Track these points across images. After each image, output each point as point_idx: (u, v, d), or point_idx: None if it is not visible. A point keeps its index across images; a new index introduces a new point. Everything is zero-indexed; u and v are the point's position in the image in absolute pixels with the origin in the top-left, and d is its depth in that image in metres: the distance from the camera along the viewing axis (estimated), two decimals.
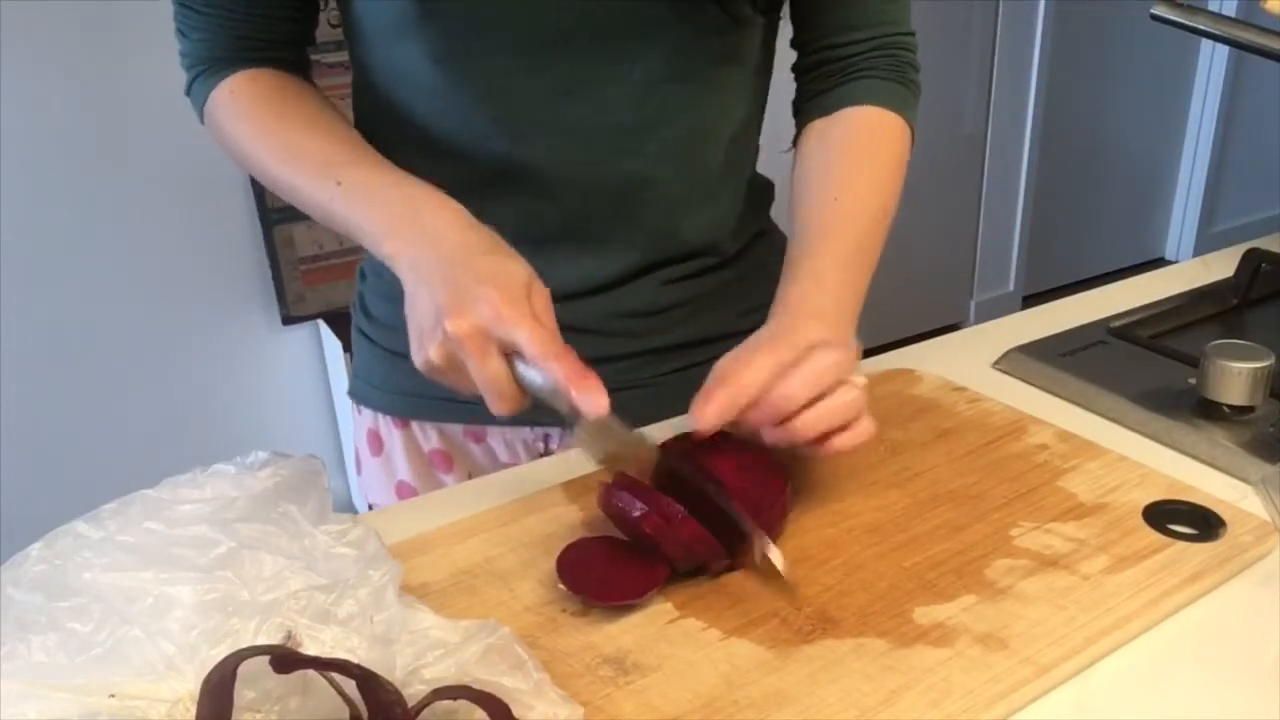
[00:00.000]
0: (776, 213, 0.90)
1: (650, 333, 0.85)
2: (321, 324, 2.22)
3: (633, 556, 0.59)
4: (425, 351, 0.63)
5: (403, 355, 0.86)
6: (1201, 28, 1.08)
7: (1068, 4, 2.95)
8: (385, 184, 0.70)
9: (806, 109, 0.83)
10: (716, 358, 0.88)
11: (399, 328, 0.86)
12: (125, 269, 2.02)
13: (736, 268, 0.87)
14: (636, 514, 0.58)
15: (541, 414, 0.85)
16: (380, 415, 0.90)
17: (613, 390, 0.62)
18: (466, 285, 0.62)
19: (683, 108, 0.77)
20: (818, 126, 0.81)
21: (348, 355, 2.11)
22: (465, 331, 0.60)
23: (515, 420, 0.86)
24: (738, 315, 0.88)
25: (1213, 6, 3.01)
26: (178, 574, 0.47)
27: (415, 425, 0.88)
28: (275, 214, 2.11)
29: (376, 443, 0.91)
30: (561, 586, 0.58)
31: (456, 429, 0.88)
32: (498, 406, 0.62)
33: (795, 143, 0.83)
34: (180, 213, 2.04)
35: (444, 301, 0.62)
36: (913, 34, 0.83)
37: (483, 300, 0.60)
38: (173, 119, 1.98)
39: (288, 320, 2.20)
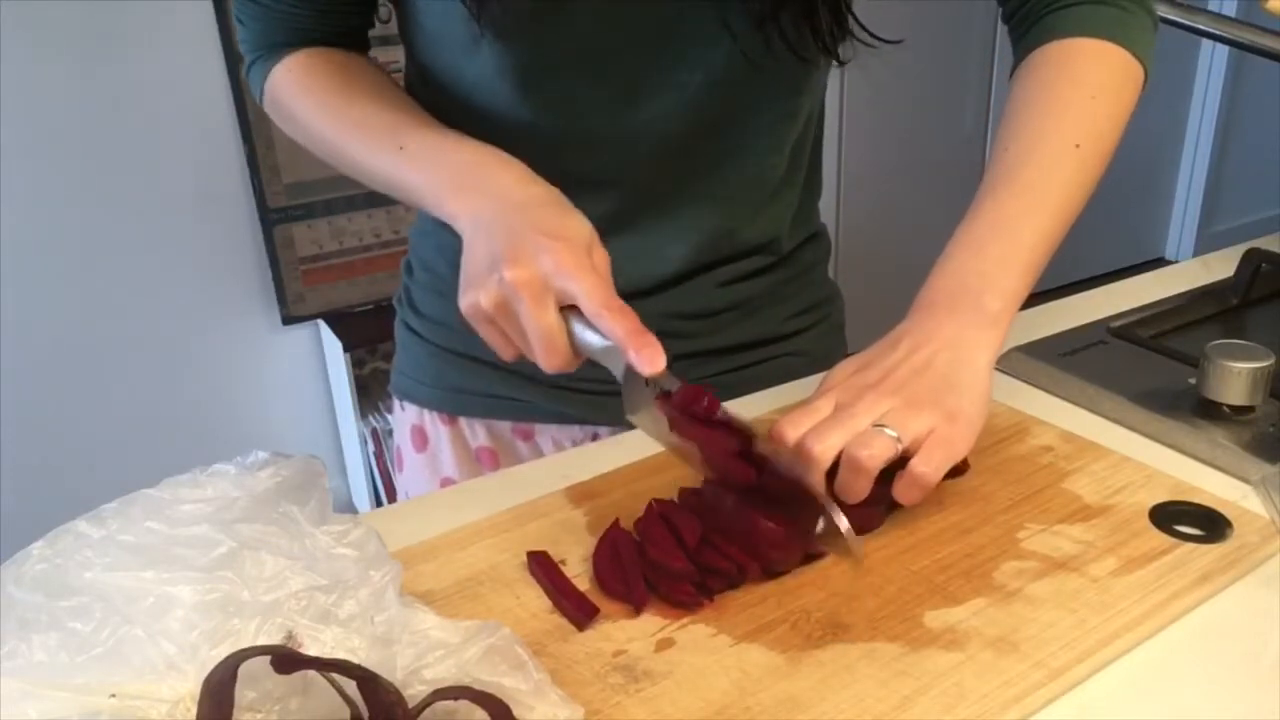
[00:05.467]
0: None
1: (702, 334, 0.85)
2: (321, 324, 2.22)
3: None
4: (475, 296, 0.62)
5: (453, 351, 0.87)
6: (1201, 28, 1.08)
7: None
8: (448, 145, 0.70)
9: (1016, 58, 0.76)
10: (762, 361, 0.88)
11: (449, 324, 0.86)
12: (125, 269, 2.02)
13: (787, 269, 0.87)
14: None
15: (590, 413, 0.86)
16: (426, 411, 0.90)
17: None
18: (527, 234, 0.61)
19: (744, 111, 0.77)
20: (1014, 76, 0.74)
21: (348, 355, 2.11)
22: (523, 279, 0.59)
23: (563, 419, 0.86)
24: (784, 319, 0.88)
25: (1213, 6, 3.01)
26: (179, 574, 0.47)
27: (463, 422, 0.89)
28: (275, 214, 2.12)
29: (421, 439, 0.91)
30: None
31: (505, 426, 0.88)
32: (547, 360, 0.60)
33: None
34: (180, 213, 2.04)
35: (502, 248, 0.61)
36: None
37: (544, 250, 0.60)
38: (173, 119, 1.98)
39: (288, 320, 2.20)
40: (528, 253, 0.60)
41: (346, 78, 0.77)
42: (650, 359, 0.57)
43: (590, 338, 0.60)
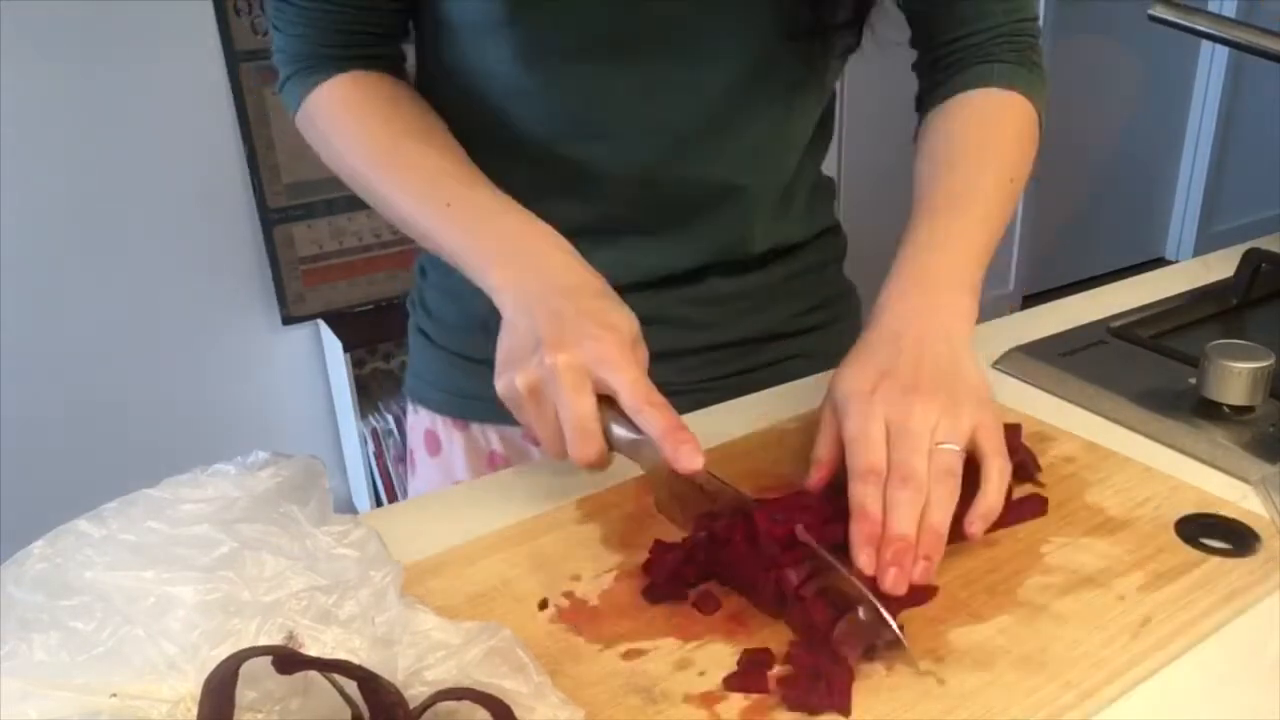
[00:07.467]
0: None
1: (712, 324, 0.85)
2: (321, 324, 2.22)
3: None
4: (511, 377, 0.61)
5: (465, 356, 0.87)
6: (1201, 28, 1.07)
7: (1068, 4, 2.95)
8: (494, 211, 0.69)
9: (926, 102, 0.81)
10: (775, 360, 0.86)
11: (462, 327, 0.86)
12: (125, 269, 2.02)
13: (802, 259, 0.88)
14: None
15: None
16: (439, 416, 0.89)
17: (674, 393, 0.61)
18: (573, 320, 0.61)
19: (760, 113, 0.77)
20: (933, 116, 0.79)
21: (348, 355, 2.11)
22: (565, 364, 0.59)
23: None
24: (795, 314, 0.88)
25: (1213, 7, 3.01)
26: (179, 573, 0.47)
27: (475, 427, 0.88)
28: (275, 214, 2.12)
29: (434, 443, 0.90)
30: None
31: (516, 432, 0.87)
32: (580, 448, 0.59)
33: (915, 137, 0.80)
34: (180, 213, 2.04)
35: (546, 332, 0.60)
36: (1034, 18, 0.81)
37: (590, 338, 0.59)
38: (173, 118, 1.98)
39: (288, 320, 2.20)
40: (572, 339, 0.59)
41: (388, 111, 0.75)
42: (689, 456, 0.57)
43: (621, 431, 0.59)
